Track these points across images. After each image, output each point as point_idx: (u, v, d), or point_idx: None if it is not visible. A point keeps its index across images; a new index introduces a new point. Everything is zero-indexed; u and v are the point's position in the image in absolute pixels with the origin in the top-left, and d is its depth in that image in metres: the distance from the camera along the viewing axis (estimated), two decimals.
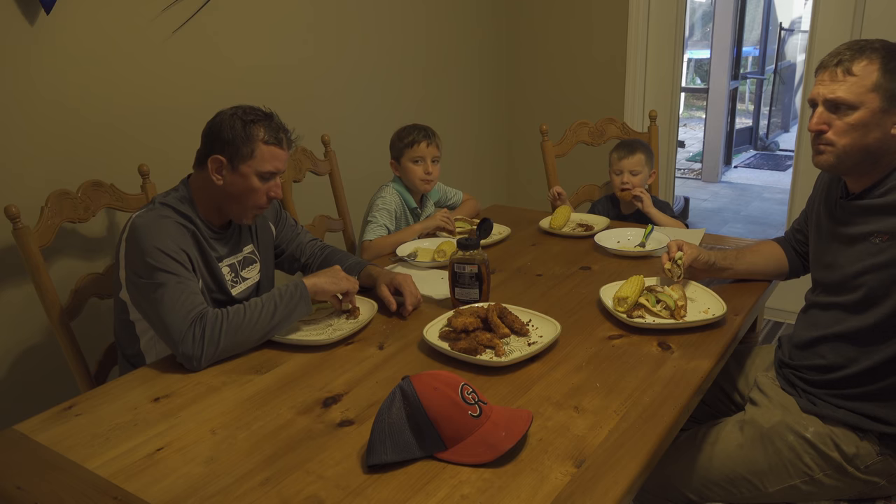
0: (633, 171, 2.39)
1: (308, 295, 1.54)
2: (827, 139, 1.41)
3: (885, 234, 1.38)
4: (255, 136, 1.54)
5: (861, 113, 1.36)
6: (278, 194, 1.62)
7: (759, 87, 7.42)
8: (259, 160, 1.55)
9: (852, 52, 1.37)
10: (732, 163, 6.68)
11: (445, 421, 1.10)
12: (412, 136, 2.29)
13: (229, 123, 1.54)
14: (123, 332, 1.62)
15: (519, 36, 3.73)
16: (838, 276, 1.47)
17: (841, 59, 1.38)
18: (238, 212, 1.62)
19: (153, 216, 1.52)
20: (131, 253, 1.49)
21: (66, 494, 1.07)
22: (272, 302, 1.49)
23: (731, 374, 1.76)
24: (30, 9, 1.87)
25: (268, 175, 1.57)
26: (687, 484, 1.54)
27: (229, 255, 1.67)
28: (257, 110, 1.57)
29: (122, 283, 1.55)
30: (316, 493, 1.05)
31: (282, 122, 1.60)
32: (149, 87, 2.18)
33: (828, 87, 1.39)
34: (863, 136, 1.37)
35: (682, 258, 1.66)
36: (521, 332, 1.49)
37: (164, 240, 1.47)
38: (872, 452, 1.42)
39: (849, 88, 1.36)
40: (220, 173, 1.56)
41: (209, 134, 1.57)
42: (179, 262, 1.48)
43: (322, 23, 2.73)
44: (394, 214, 2.30)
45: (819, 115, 1.41)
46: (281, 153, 1.58)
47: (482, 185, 3.80)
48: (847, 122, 1.37)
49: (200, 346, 1.40)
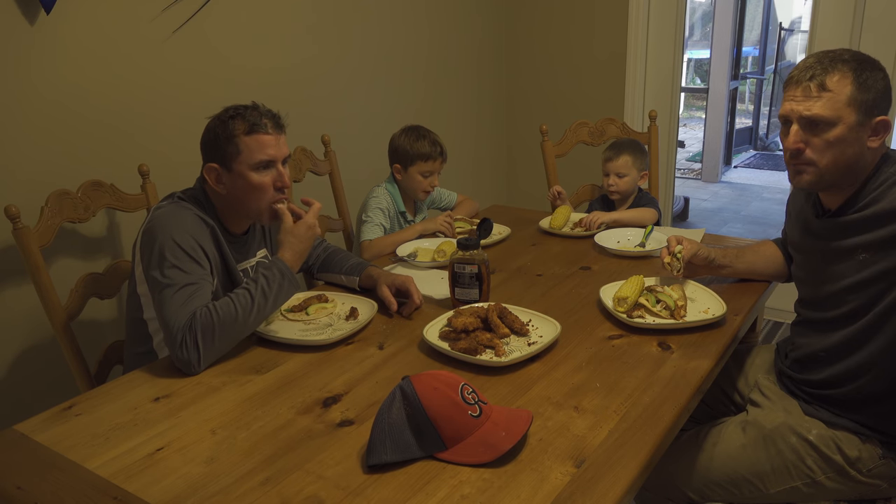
0: (619, 174, 2.38)
1: (289, 270, 1.48)
2: (807, 158, 1.37)
3: (869, 250, 1.36)
4: (234, 132, 1.50)
5: (839, 129, 1.33)
6: (286, 182, 1.56)
7: (759, 87, 7.42)
8: (246, 153, 1.51)
9: (823, 66, 1.33)
10: (732, 163, 6.68)
11: (445, 421, 1.10)
12: (428, 150, 2.27)
13: (212, 128, 1.53)
14: (134, 329, 1.60)
15: (519, 36, 3.73)
16: (824, 293, 1.46)
17: (813, 74, 1.33)
18: (255, 211, 1.57)
19: (174, 207, 1.50)
20: (148, 244, 1.46)
21: (66, 494, 1.07)
22: (258, 289, 1.44)
23: (731, 375, 1.76)
24: (30, 9, 1.87)
25: (263, 165, 1.52)
26: (688, 483, 1.54)
27: (243, 259, 1.67)
28: (237, 106, 1.54)
29: (138, 278, 1.52)
30: (316, 493, 1.05)
31: (266, 108, 1.56)
32: (149, 87, 2.18)
33: (803, 105, 1.34)
34: (842, 152, 1.34)
35: (682, 252, 1.66)
36: (521, 332, 1.49)
37: (182, 233, 1.44)
38: (875, 456, 1.42)
39: (825, 105, 1.32)
40: (220, 182, 1.54)
41: (202, 145, 1.56)
42: (194, 259, 1.45)
43: (322, 23, 2.73)
44: (387, 214, 2.30)
45: (795, 134, 1.37)
46: (268, 138, 1.52)
47: (482, 185, 3.80)
48: (825, 139, 1.34)
49: (196, 351, 1.38)
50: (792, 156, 1.39)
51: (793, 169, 1.41)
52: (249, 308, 1.42)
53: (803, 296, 1.57)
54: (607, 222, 2.26)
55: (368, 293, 1.74)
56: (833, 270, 1.43)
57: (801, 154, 1.37)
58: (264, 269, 1.48)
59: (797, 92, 1.36)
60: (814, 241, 1.49)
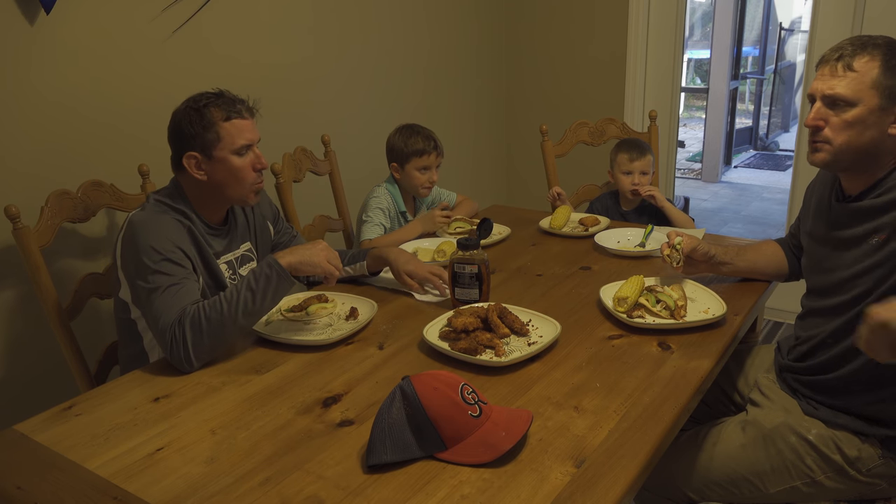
0: (643, 172, 2.41)
1: (284, 270, 1.46)
2: (823, 136, 1.39)
3: (882, 233, 1.36)
4: (213, 119, 1.53)
5: (859, 110, 1.34)
6: (264, 164, 1.61)
7: (759, 87, 7.41)
8: (227, 139, 1.54)
9: (854, 48, 1.35)
10: (732, 163, 6.68)
11: (445, 421, 1.10)
12: (421, 146, 2.27)
13: (185, 118, 1.54)
14: (125, 331, 1.62)
15: (519, 36, 3.73)
16: (835, 279, 1.46)
17: (842, 54, 1.35)
18: (238, 195, 1.60)
19: (149, 213, 1.51)
20: (128, 252, 1.48)
21: (66, 494, 1.07)
22: (247, 289, 1.43)
23: (731, 375, 1.76)
24: (30, 9, 1.87)
25: (243, 149, 1.56)
26: (688, 483, 1.54)
27: (226, 251, 1.67)
28: (205, 94, 1.57)
29: (120, 282, 1.55)
30: (316, 493, 1.05)
31: (234, 95, 1.59)
32: (149, 86, 2.18)
33: (827, 83, 1.37)
34: (859, 134, 1.35)
35: (682, 244, 1.66)
36: (521, 332, 1.49)
37: (160, 239, 1.46)
38: (874, 455, 1.42)
39: (847, 84, 1.34)
40: (199, 168, 1.56)
41: (173, 137, 1.57)
42: (175, 262, 1.47)
43: (322, 23, 2.73)
44: (387, 213, 2.30)
45: (816, 111, 1.39)
46: (245, 123, 1.57)
47: (482, 185, 3.79)
48: (844, 118, 1.35)
49: (185, 350, 1.38)
50: (811, 132, 1.41)
51: (811, 146, 1.43)
52: (235, 302, 1.41)
53: (812, 285, 1.57)
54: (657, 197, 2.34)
55: (371, 294, 1.74)
56: (845, 256, 1.44)
57: (820, 131, 1.39)
58: (255, 268, 1.49)
59: (825, 70, 1.38)
60: (829, 226, 1.50)
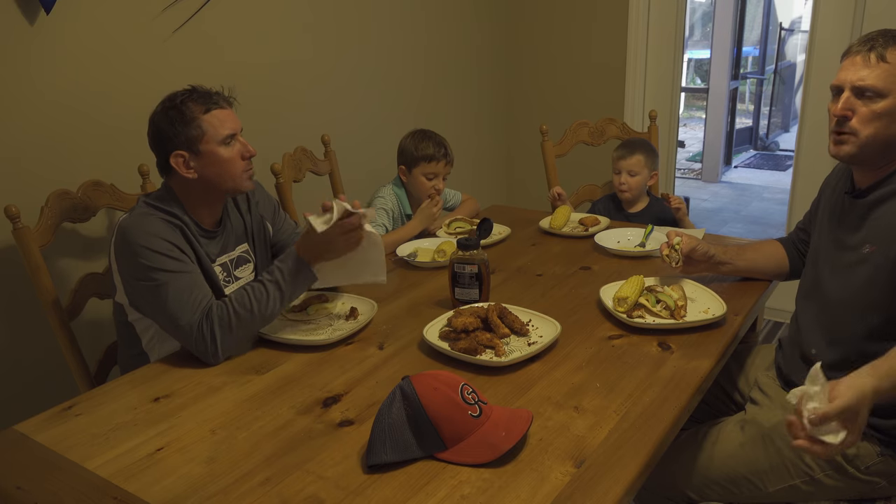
0: (630, 172, 2.39)
1: (303, 261, 1.50)
2: (850, 127, 1.37)
3: (872, 245, 1.38)
4: (193, 114, 1.53)
5: (888, 102, 1.33)
6: (252, 151, 1.60)
7: (759, 87, 7.42)
8: (211, 131, 1.53)
9: (886, 39, 1.34)
10: (732, 163, 6.68)
11: (445, 421, 1.10)
12: (431, 152, 2.26)
13: (165, 118, 1.54)
14: (124, 333, 1.62)
15: (519, 36, 3.73)
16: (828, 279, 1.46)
17: (874, 45, 1.34)
18: (231, 186, 1.59)
19: (137, 217, 1.51)
20: (123, 257, 1.49)
21: (66, 494, 1.07)
22: (275, 284, 1.48)
23: (732, 374, 1.76)
24: (30, 9, 1.87)
25: (228, 139, 1.55)
26: (687, 483, 1.54)
27: (221, 254, 1.66)
28: (178, 92, 1.56)
29: (116, 286, 1.55)
30: (316, 493, 1.05)
31: (207, 88, 1.59)
32: (149, 86, 2.17)
33: (857, 73, 1.35)
34: (887, 127, 1.35)
35: (681, 244, 1.66)
36: (521, 332, 1.49)
37: (151, 239, 1.46)
38: (873, 453, 1.41)
39: (879, 75, 1.33)
40: (188, 167, 1.55)
41: (155, 140, 1.57)
42: (172, 257, 1.47)
43: (322, 23, 2.73)
44: (391, 215, 2.29)
45: (845, 101, 1.37)
46: (225, 113, 1.56)
47: (482, 185, 3.79)
48: (873, 109, 1.34)
49: (214, 344, 1.42)
50: (837, 123, 1.40)
51: (834, 138, 1.41)
52: (265, 299, 1.46)
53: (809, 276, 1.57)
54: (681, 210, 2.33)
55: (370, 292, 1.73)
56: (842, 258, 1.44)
57: (846, 122, 1.38)
58: (279, 261, 1.52)
59: (856, 59, 1.36)
60: (835, 222, 1.50)
